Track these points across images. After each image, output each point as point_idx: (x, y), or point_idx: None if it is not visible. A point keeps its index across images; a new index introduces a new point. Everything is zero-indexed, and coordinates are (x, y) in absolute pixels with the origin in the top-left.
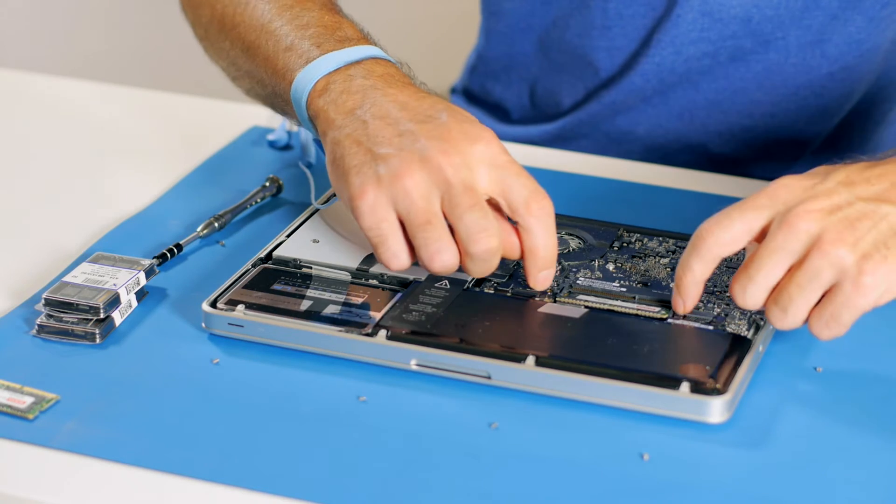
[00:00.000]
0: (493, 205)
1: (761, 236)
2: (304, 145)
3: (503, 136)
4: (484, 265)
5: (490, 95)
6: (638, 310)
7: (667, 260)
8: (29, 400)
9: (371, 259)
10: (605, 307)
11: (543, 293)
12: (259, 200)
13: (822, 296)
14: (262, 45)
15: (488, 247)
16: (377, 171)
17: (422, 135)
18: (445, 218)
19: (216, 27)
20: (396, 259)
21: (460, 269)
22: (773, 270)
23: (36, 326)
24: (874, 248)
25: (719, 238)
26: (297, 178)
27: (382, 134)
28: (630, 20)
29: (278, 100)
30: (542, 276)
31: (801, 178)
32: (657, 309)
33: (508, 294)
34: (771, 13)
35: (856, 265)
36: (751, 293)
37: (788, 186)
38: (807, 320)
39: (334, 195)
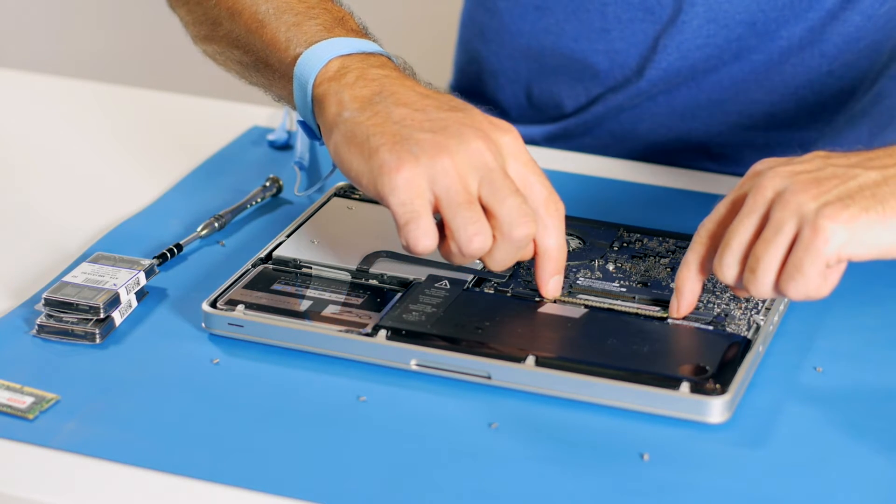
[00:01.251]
0: None
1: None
2: (299, 146)
3: None
4: (517, 254)
5: (485, 95)
6: (638, 310)
7: (667, 260)
8: (29, 400)
9: (371, 259)
10: (605, 307)
11: None
12: (259, 200)
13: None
14: (260, 11)
15: (529, 231)
16: (412, 150)
17: (453, 121)
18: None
19: None
20: (426, 238)
21: (459, 269)
22: (744, 234)
23: (36, 326)
24: (836, 198)
25: (706, 226)
26: (297, 179)
27: (412, 118)
28: (629, 24)
29: (266, 70)
30: (553, 281)
31: (781, 158)
32: (657, 309)
33: (508, 294)
34: (775, 14)
35: (815, 211)
36: (727, 262)
37: (766, 162)
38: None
39: (318, 192)
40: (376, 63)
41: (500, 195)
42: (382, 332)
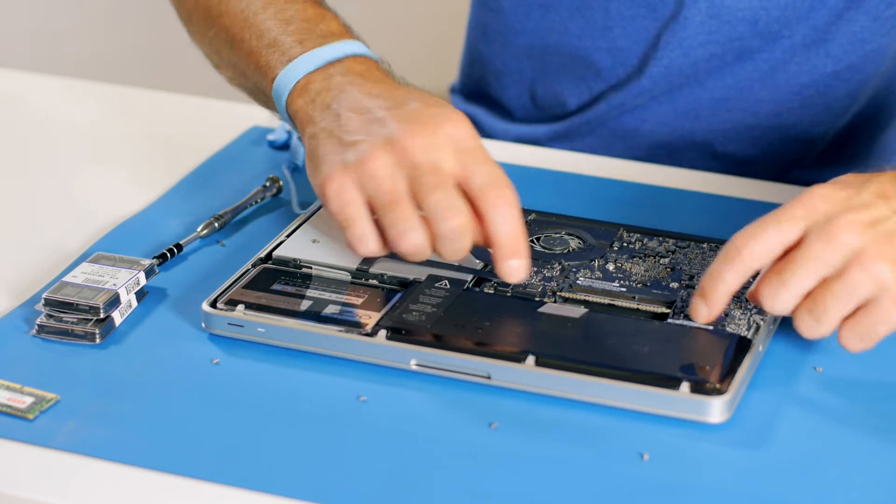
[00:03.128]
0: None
1: (794, 246)
2: (293, 147)
3: (507, 135)
4: (453, 245)
5: (490, 95)
6: (638, 309)
7: (667, 260)
8: (29, 400)
9: (371, 259)
10: (605, 307)
11: (543, 293)
12: (259, 200)
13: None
14: (246, 38)
15: (455, 225)
16: (344, 158)
17: (390, 119)
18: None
19: (201, 14)
20: (363, 242)
21: (459, 269)
22: (807, 278)
23: (36, 326)
24: None
25: (755, 250)
26: (297, 179)
27: (353, 123)
28: (631, 21)
29: (260, 94)
30: (508, 265)
31: (836, 188)
32: (657, 309)
33: (508, 294)
34: (778, 14)
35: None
36: (782, 299)
37: (825, 197)
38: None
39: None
40: (340, 70)
41: (424, 191)
42: (382, 332)
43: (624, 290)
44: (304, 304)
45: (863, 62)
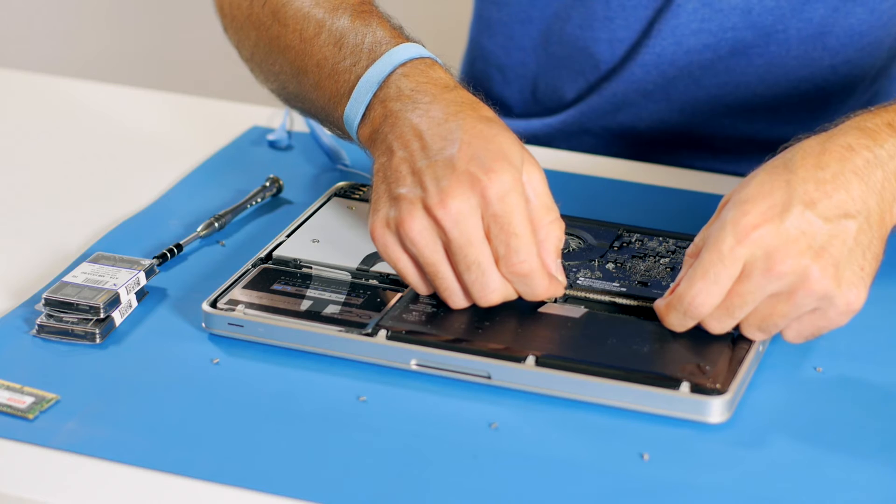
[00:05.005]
0: None
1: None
2: (333, 151)
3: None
4: (490, 303)
5: (491, 92)
6: (638, 308)
7: (667, 260)
8: (29, 400)
9: (371, 259)
10: (605, 307)
11: None
12: (259, 200)
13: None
14: (310, 70)
15: (491, 300)
16: (388, 214)
17: (428, 177)
18: None
19: (263, 50)
20: (420, 288)
21: None
22: (752, 306)
23: (36, 326)
24: (852, 273)
25: (710, 303)
26: (297, 179)
27: (399, 170)
28: (632, 11)
29: (333, 124)
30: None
31: (759, 200)
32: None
33: None
34: (772, 4)
35: (842, 295)
36: (727, 325)
37: (756, 221)
38: None
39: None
40: (393, 94)
41: (459, 269)
42: (382, 332)
43: (624, 290)
44: (304, 304)
45: (860, 55)
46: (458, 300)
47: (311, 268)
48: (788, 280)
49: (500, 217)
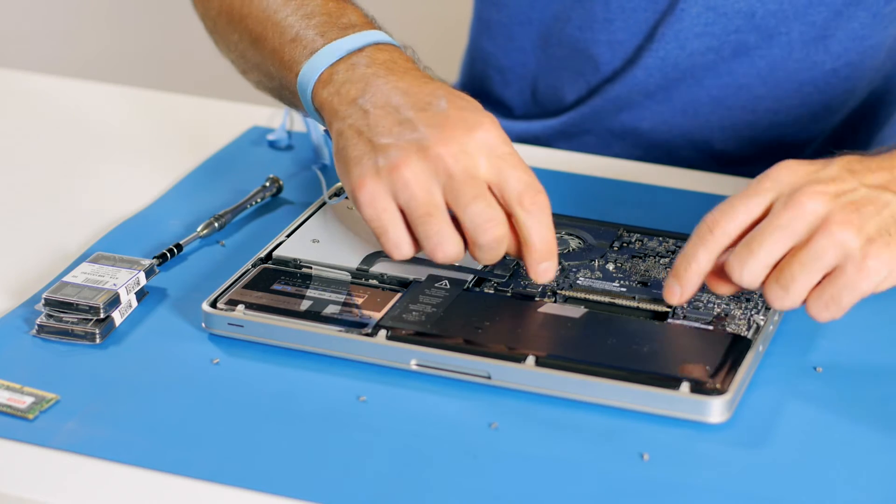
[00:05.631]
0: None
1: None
2: (316, 147)
3: (507, 133)
4: (492, 253)
5: (491, 94)
6: (638, 309)
7: (667, 260)
8: (29, 400)
9: (371, 259)
10: (605, 307)
11: (543, 293)
12: (259, 200)
13: (822, 277)
14: (269, 36)
15: (495, 236)
16: (376, 163)
17: (420, 123)
18: (448, 208)
19: (224, 20)
20: (398, 249)
21: (459, 269)
22: (775, 247)
23: (36, 326)
24: (878, 234)
25: (726, 228)
26: (297, 178)
27: (382, 123)
28: (632, 13)
29: (286, 92)
30: (541, 268)
31: (803, 163)
32: (657, 309)
33: (508, 294)
34: (775, 8)
35: (861, 249)
36: (750, 268)
37: (791, 169)
38: (804, 301)
39: (343, 190)
40: (364, 60)
41: (462, 201)
42: (382, 332)
43: (624, 290)
44: (304, 304)
45: (862, 59)
46: (452, 247)
47: (311, 268)
48: (809, 221)
49: (509, 156)
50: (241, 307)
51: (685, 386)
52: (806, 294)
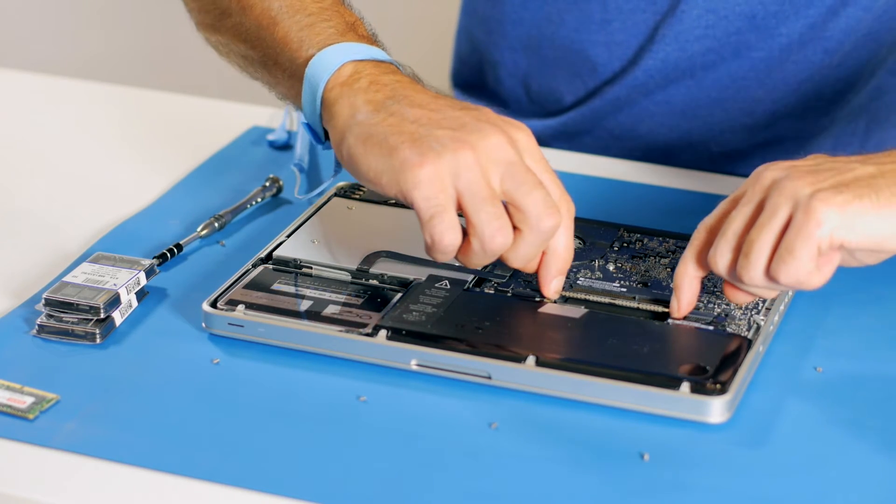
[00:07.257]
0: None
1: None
2: (299, 148)
3: None
4: (540, 248)
5: (485, 87)
6: (638, 309)
7: (667, 260)
8: (29, 400)
9: (371, 259)
10: (605, 307)
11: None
12: (259, 200)
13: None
14: (273, 8)
15: (557, 222)
16: (433, 146)
17: (470, 118)
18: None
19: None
20: (451, 232)
21: (460, 269)
22: (739, 221)
23: (36, 326)
24: (830, 186)
25: (705, 220)
26: (297, 179)
27: (428, 118)
28: (630, 14)
29: (274, 68)
30: (556, 282)
31: (785, 161)
32: (657, 309)
33: (508, 294)
34: (775, 9)
35: (809, 195)
36: (720, 249)
37: (768, 164)
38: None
39: (318, 195)
40: (387, 70)
41: (526, 188)
42: (382, 332)
43: (624, 290)
44: (305, 304)
45: (856, 51)
46: (509, 235)
47: (311, 268)
48: (766, 185)
49: (541, 163)
50: (241, 307)
51: (685, 386)
52: (767, 258)
